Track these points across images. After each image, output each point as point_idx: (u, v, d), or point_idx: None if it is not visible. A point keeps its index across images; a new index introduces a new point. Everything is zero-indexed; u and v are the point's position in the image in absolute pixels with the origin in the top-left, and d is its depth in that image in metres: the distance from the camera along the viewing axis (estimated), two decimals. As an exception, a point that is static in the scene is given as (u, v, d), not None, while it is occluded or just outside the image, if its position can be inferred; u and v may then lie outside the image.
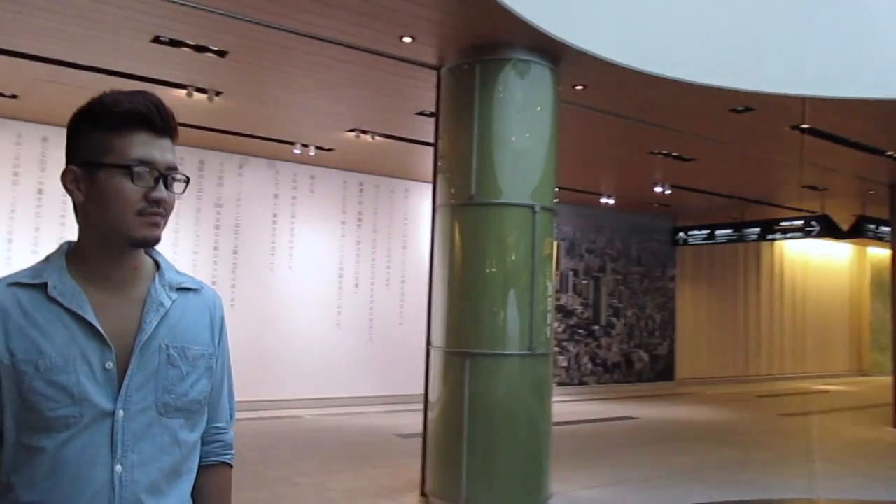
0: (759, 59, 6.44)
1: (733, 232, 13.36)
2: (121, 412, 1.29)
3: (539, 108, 5.67)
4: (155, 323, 1.36)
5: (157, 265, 1.44)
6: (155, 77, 6.48)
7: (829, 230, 12.25)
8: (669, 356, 14.80)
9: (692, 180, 10.83)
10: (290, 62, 6.22)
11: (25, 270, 1.34)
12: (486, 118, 5.57)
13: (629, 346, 14.12)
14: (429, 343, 5.84)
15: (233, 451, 1.58)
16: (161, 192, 1.33)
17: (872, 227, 11.91)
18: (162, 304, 1.38)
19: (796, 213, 12.66)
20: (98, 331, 1.30)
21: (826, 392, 15.34)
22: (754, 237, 13.11)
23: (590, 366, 13.49)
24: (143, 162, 1.31)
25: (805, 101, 6.71)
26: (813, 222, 12.25)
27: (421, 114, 7.44)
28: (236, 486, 4.89)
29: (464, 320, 5.53)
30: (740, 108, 7.01)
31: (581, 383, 13.29)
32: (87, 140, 1.33)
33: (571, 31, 5.51)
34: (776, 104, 6.79)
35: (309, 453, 7.35)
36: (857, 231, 12.24)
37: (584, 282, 13.52)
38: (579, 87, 6.54)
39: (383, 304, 10.91)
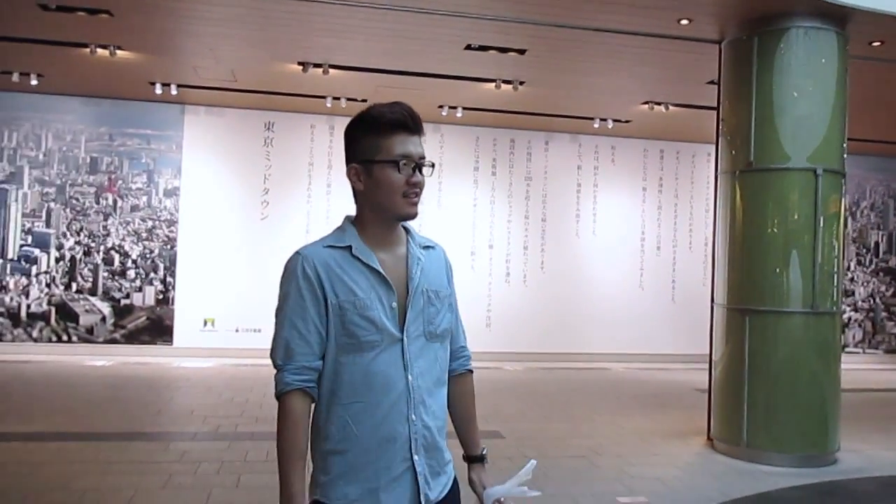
0: None
1: None
2: (405, 339, 1.73)
3: (821, 73, 5.74)
4: (419, 273, 1.78)
5: (407, 230, 1.85)
6: (468, 75, 7.75)
7: None
8: None
9: None
10: (580, 52, 7.01)
11: (328, 237, 1.78)
12: (765, 87, 5.81)
13: (980, 312, 12.54)
14: (713, 301, 6.29)
15: (471, 362, 2.01)
16: (418, 177, 1.72)
17: None
18: (419, 259, 1.80)
19: None
20: (386, 279, 1.73)
21: None
22: None
23: (931, 332, 12.30)
24: (404, 156, 1.70)
25: None
26: None
27: (711, 83, 7.70)
28: (545, 418, 6.23)
29: (745, 279, 5.89)
30: None
31: (923, 351, 12.22)
32: (362, 144, 1.73)
33: (857, -9, 5.49)
34: None
35: (609, 399, 8.19)
36: None
37: (925, 241, 12.32)
38: (877, 44, 6.35)
39: (685, 265, 11.25)
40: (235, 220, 10.08)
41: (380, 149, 1.71)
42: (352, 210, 1.83)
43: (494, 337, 10.24)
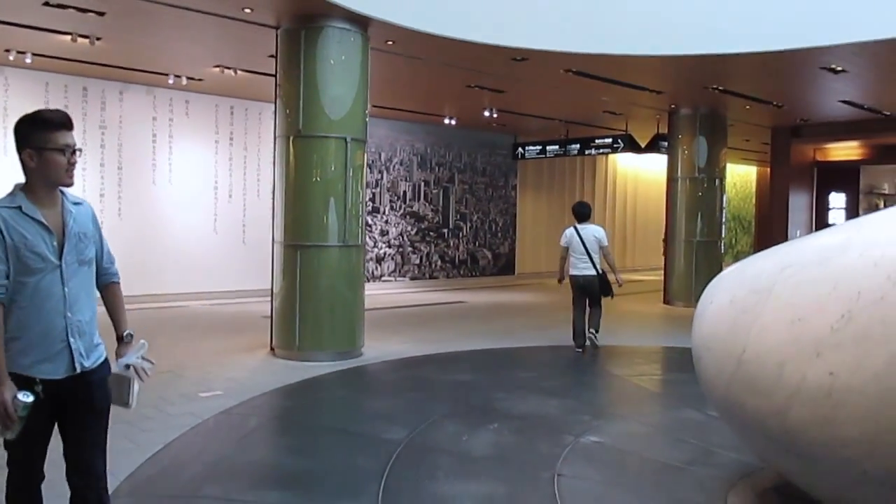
0: (529, 19, 8.52)
1: (559, 148, 15.76)
2: (63, 265, 2.56)
3: (349, 63, 7.57)
4: (71, 222, 2.60)
5: (63, 193, 2.65)
6: (44, 27, 7.97)
7: (632, 146, 14.83)
8: (510, 254, 17.41)
9: (515, 106, 13.02)
10: (156, 20, 7.83)
11: (4, 199, 2.53)
12: (310, 70, 7.45)
13: (475, 245, 16.58)
14: (273, 239, 7.85)
15: (118, 276, 2.87)
16: (74, 158, 2.58)
17: (664, 143, 14.41)
18: (71, 212, 2.62)
19: (609, 132, 15.18)
20: (48, 227, 2.54)
21: (641, 281, 18.39)
22: (575, 152, 15.58)
23: (439, 263, 15.88)
24: (66, 146, 2.55)
25: (567, 54, 8.87)
26: (619, 139, 14.78)
27: (272, 56, 9.14)
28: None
29: (297, 221, 7.56)
30: (519, 58, 9.11)
31: (432, 277, 15.69)
32: (35, 136, 2.50)
33: (375, 6, 7.39)
34: (546, 56, 8.90)
35: (188, 330, 9.35)
36: (652, 147, 14.85)
37: (435, 191, 15.71)
38: (390, 43, 8.44)
39: (255, 211, 12.69)
40: None
41: (50, 140, 2.53)
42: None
43: (71, 282, 10.50)
